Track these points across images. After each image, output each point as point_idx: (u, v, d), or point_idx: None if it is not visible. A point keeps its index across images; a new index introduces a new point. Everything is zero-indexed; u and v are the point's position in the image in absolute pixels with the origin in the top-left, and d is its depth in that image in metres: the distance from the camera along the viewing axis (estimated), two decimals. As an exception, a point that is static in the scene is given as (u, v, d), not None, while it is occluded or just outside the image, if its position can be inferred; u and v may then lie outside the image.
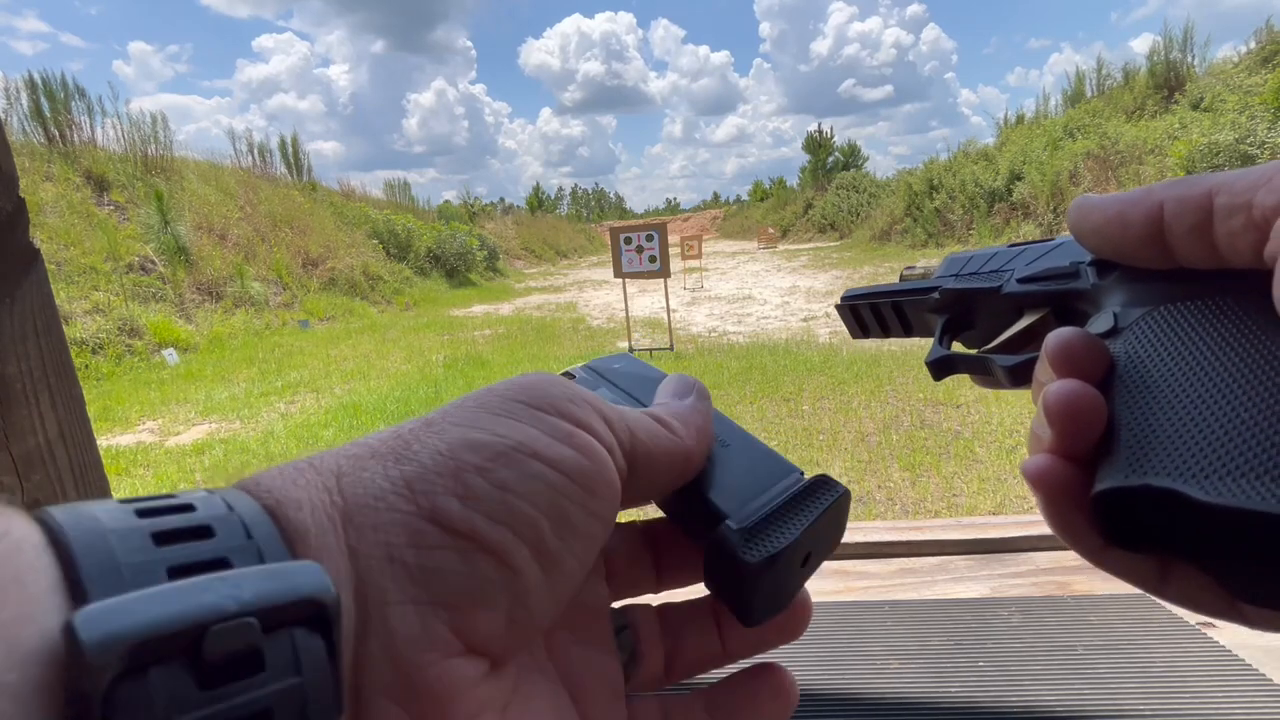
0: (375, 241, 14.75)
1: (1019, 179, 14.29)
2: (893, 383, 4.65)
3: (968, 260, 0.39)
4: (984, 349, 0.36)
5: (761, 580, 0.21)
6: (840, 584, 0.70)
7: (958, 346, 0.39)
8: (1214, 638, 0.57)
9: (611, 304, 10.57)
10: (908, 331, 0.44)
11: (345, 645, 0.15)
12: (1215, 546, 0.20)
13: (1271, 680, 0.51)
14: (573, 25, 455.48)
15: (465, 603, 0.17)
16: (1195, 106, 12.37)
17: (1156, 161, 11.52)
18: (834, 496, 0.24)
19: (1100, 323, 0.25)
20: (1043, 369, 0.24)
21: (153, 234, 9.15)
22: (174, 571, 0.14)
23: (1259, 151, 9.41)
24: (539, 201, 62.56)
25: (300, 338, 8.87)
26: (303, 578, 0.14)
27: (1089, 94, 16.98)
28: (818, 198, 28.81)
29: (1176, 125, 11.78)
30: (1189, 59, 14.38)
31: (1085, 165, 12.84)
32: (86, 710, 0.11)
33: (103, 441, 4.38)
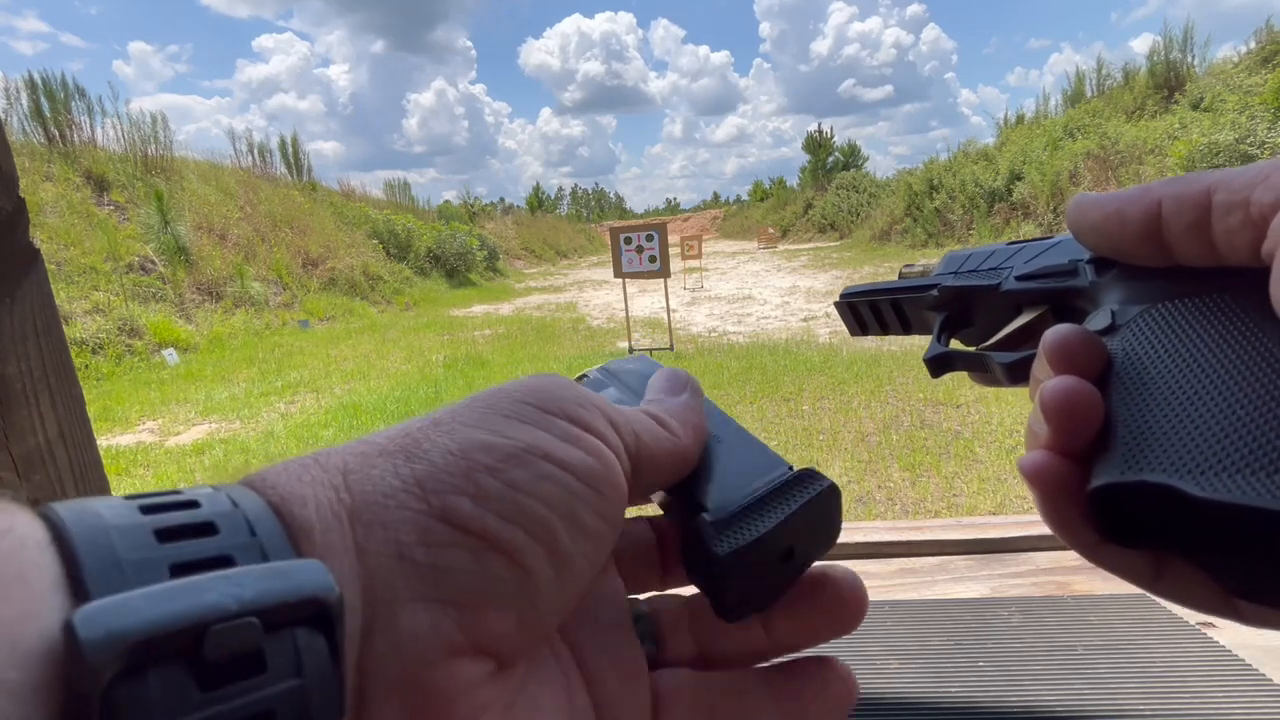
0: (375, 241, 14.75)
1: (1019, 179, 14.30)
2: (893, 383, 4.65)
3: (966, 258, 0.39)
4: (982, 346, 0.36)
5: (733, 572, 0.21)
6: (840, 584, 0.70)
7: (956, 344, 0.39)
8: (1214, 638, 0.57)
9: (611, 304, 10.57)
10: (906, 329, 0.43)
11: (350, 643, 0.15)
12: (1210, 542, 0.20)
13: (1271, 680, 0.51)
14: (573, 25, 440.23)
15: (476, 602, 0.17)
16: (1195, 106, 12.37)
17: (1156, 161, 11.52)
18: (815, 490, 0.23)
19: (1098, 320, 0.25)
20: (1040, 366, 0.24)
21: (153, 234, 9.16)
22: (176, 569, 0.14)
23: (1259, 151, 9.41)
24: (539, 201, 62.61)
25: (300, 338, 8.87)
26: (305, 576, 0.14)
27: (1089, 94, 16.98)
28: (818, 198, 28.83)
29: (1176, 125, 11.78)
30: (1189, 59, 14.39)
31: (1085, 165, 12.84)
32: (85, 711, 0.11)
33: (103, 441, 4.39)
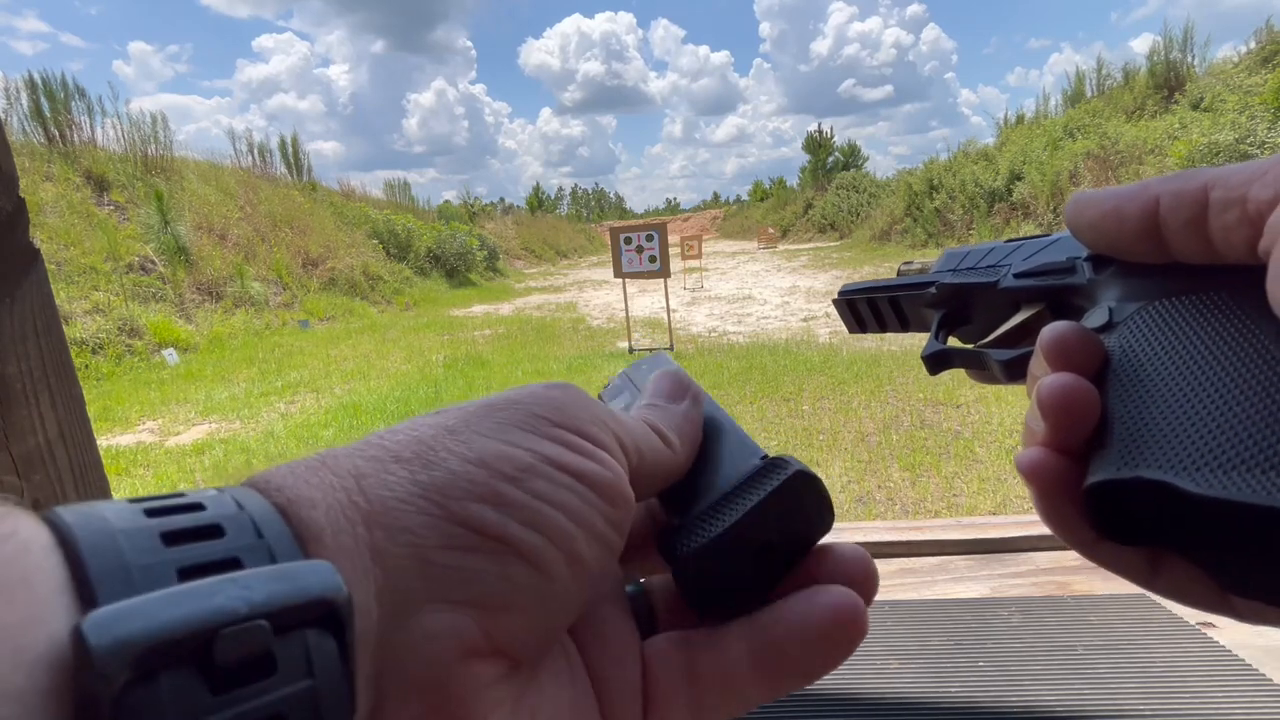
0: (375, 241, 14.75)
1: (1019, 179, 14.30)
2: (893, 383, 4.65)
3: (965, 255, 0.38)
4: (980, 343, 0.36)
5: (699, 571, 0.21)
6: (840, 583, 0.70)
7: (954, 341, 0.39)
8: (1214, 638, 0.57)
9: (611, 304, 10.57)
10: (904, 327, 0.43)
11: (366, 644, 0.15)
12: (1206, 539, 0.20)
13: (1271, 680, 0.51)
14: (573, 25, 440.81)
15: (496, 605, 0.17)
16: (1195, 106, 12.38)
17: (1156, 161, 11.53)
18: (778, 480, 0.21)
19: (1095, 317, 0.25)
20: (1038, 363, 0.24)
21: (153, 234, 9.16)
22: (184, 572, 0.13)
23: (1259, 151, 9.41)
24: (539, 201, 62.63)
25: (300, 338, 8.87)
26: (314, 577, 0.14)
27: (1089, 94, 16.99)
28: (818, 198, 28.84)
29: (1176, 125, 11.79)
30: (1189, 59, 14.40)
31: (1085, 165, 12.84)
32: (96, 716, 0.11)
33: (103, 441, 4.39)
